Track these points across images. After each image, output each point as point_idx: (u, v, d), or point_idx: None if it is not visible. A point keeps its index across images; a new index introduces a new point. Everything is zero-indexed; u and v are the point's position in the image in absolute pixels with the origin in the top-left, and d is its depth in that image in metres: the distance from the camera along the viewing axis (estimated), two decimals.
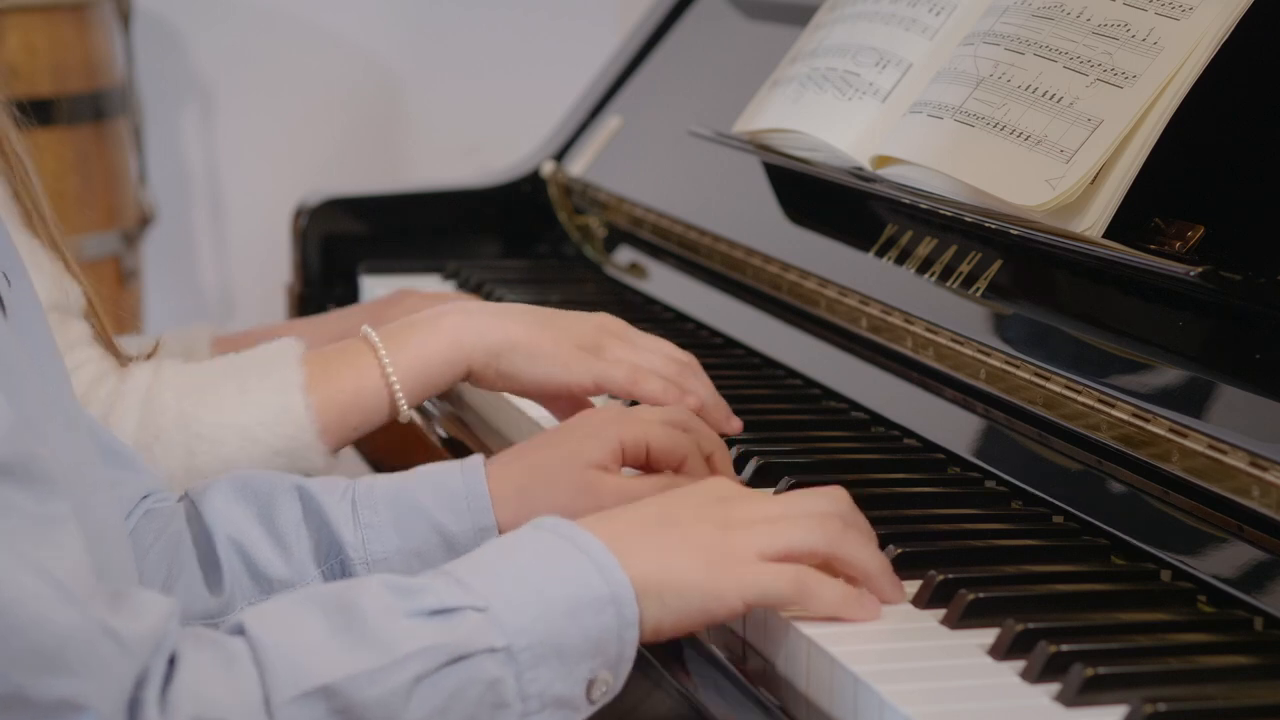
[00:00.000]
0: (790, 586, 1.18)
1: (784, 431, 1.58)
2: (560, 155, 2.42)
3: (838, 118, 1.76)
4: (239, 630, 1.10)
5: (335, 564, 1.33)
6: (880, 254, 1.68)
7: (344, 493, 1.34)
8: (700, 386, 1.53)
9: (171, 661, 1.05)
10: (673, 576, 1.16)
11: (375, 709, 1.08)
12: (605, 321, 1.56)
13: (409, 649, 1.09)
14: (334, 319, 1.94)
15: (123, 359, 1.57)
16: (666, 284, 2.09)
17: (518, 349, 1.51)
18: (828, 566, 1.21)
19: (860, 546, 1.22)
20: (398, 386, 1.51)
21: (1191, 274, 1.31)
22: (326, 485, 1.35)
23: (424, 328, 1.53)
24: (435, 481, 1.35)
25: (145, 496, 1.39)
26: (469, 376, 1.54)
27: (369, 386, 1.52)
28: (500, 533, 1.32)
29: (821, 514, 1.22)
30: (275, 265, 2.47)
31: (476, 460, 1.36)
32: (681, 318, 2.00)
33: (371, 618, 1.10)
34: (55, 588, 1.01)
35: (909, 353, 1.59)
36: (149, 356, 1.59)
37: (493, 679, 1.10)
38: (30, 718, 1.01)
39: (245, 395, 1.52)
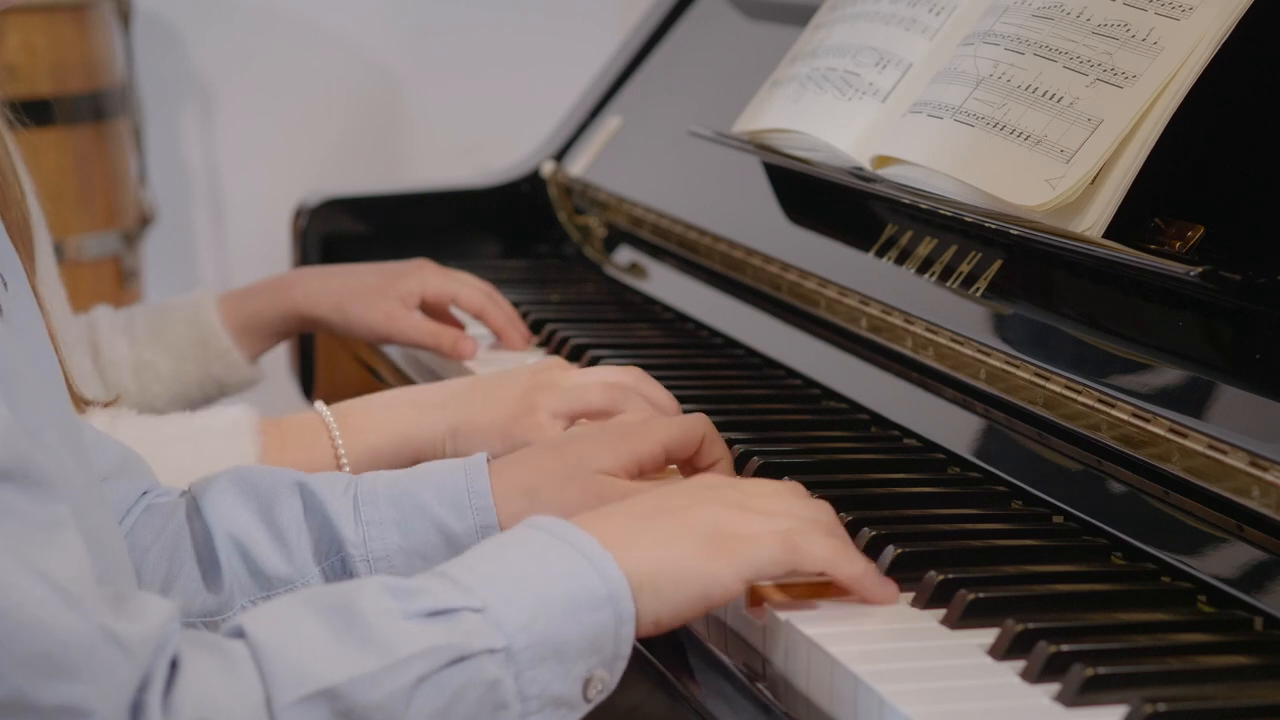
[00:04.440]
0: (780, 549, 1.18)
1: (784, 431, 1.58)
2: (560, 155, 2.42)
3: (838, 118, 1.76)
4: (238, 633, 1.09)
5: (336, 562, 1.32)
6: (880, 254, 1.68)
7: (345, 489, 1.34)
8: (652, 394, 1.53)
9: (173, 664, 1.05)
10: (667, 566, 1.16)
11: (377, 712, 1.07)
12: (537, 377, 1.55)
13: (410, 650, 1.08)
14: (343, 273, 1.95)
15: (79, 404, 1.56)
16: (666, 284, 2.08)
17: (458, 435, 1.54)
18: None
19: (838, 550, 1.22)
20: (349, 471, 1.53)
21: (1191, 274, 1.31)
22: (328, 481, 1.35)
23: (375, 418, 1.55)
24: (438, 479, 1.34)
25: (144, 493, 1.39)
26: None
27: (322, 467, 1.53)
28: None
29: (810, 519, 1.22)
30: (275, 265, 2.46)
31: (479, 459, 1.35)
32: (681, 318, 2.00)
33: (371, 619, 1.09)
34: (56, 591, 1.01)
35: (909, 353, 1.59)
36: (107, 405, 1.59)
37: (492, 680, 1.10)
38: None
39: (199, 459, 1.52)
